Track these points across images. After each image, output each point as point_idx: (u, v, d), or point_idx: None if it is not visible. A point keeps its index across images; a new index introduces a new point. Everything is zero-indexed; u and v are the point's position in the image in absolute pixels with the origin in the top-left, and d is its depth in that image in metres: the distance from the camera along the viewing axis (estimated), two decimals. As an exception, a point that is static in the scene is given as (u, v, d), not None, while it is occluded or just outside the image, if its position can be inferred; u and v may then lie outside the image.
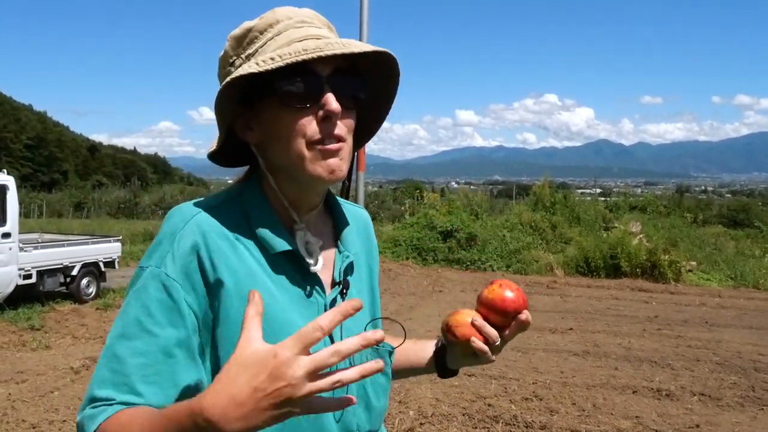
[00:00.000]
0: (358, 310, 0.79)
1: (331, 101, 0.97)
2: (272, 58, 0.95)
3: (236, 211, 1.04)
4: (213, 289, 0.97)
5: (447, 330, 1.17)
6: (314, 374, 0.76)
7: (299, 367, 0.75)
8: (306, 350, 0.76)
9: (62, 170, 72.03)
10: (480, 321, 1.15)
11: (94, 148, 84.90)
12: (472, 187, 46.63)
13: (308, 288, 1.06)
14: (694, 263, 15.24)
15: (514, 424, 5.17)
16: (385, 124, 1.21)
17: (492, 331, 1.15)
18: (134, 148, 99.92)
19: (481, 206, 20.27)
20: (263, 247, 1.03)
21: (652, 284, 13.66)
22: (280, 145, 1.01)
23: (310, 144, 0.99)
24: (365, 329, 1.13)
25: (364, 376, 0.79)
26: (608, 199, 29.93)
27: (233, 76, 0.96)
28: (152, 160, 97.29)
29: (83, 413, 0.92)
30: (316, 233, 1.10)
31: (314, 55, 0.94)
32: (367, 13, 3.24)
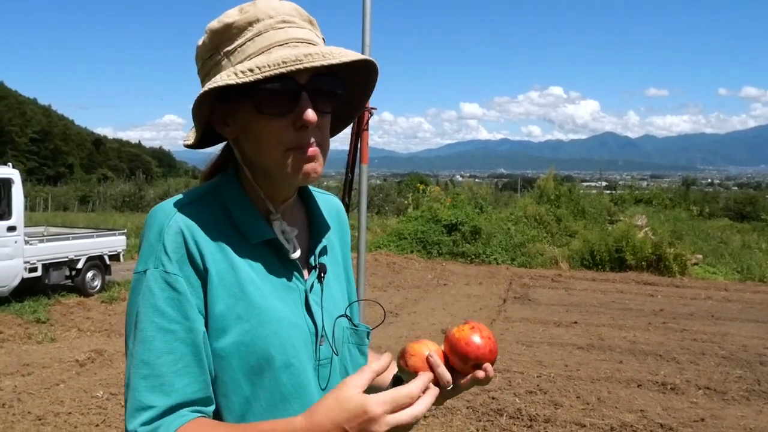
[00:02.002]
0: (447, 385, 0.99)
1: (309, 112, 0.99)
2: (251, 69, 0.95)
3: (215, 203, 1.07)
4: (202, 278, 1.00)
5: (401, 356, 1.05)
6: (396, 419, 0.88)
7: (384, 425, 0.87)
8: (395, 411, 0.88)
9: (67, 164, 72.23)
10: (435, 359, 1.01)
11: (99, 141, 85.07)
12: (476, 180, 46.54)
13: (288, 275, 1.09)
14: (699, 256, 15.17)
15: (518, 418, 5.16)
16: (390, 117, 1.22)
17: (444, 373, 1.00)
18: (139, 141, 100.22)
19: (486, 199, 20.23)
20: (243, 237, 1.06)
21: (657, 277, 13.62)
22: (257, 147, 1.04)
23: (287, 150, 1.01)
24: (345, 311, 1.17)
25: None
26: (614, 192, 29.85)
27: (211, 86, 0.96)
28: (157, 154, 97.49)
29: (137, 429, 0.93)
30: (290, 221, 1.14)
31: (293, 68, 0.94)
32: (370, 4, 3.22)
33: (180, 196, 1.06)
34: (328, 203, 1.27)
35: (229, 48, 1.02)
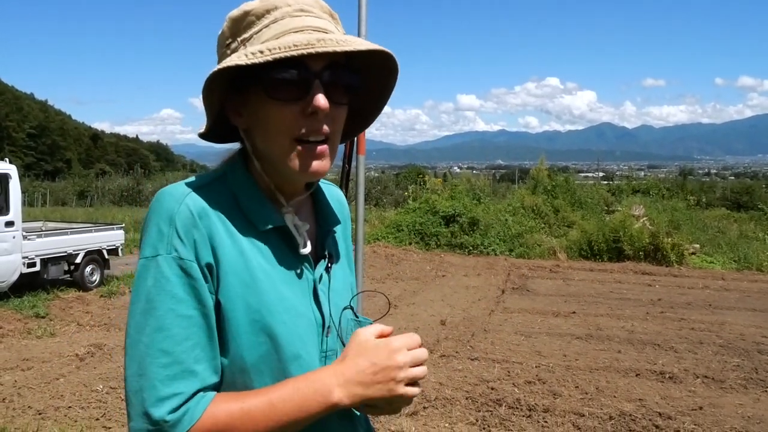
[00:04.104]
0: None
1: (320, 98, 0.97)
2: (261, 51, 0.94)
3: (223, 190, 1.04)
4: (214, 265, 0.98)
5: None
6: (413, 365, 0.99)
7: (405, 355, 0.99)
8: (410, 349, 1.00)
9: (65, 159, 72.11)
10: None
11: (96, 136, 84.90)
12: (474, 171, 46.51)
13: (297, 263, 1.08)
14: (697, 246, 15.21)
15: (517, 408, 5.18)
16: (387, 110, 1.20)
17: None
18: (136, 136, 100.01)
19: (484, 191, 20.24)
20: (252, 224, 1.04)
21: (655, 267, 13.66)
22: (266, 136, 1.02)
23: (295, 140, 1.00)
24: (350, 303, 1.17)
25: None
26: (611, 182, 29.87)
27: (219, 67, 0.95)
28: (155, 148, 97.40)
29: (159, 421, 0.90)
30: (299, 213, 1.12)
31: (304, 52, 0.92)
32: (366, -4, 3.22)
33: (187, 180, 1.04)
34: (331, 193, 1.26)
35: (246, 35, 1.01)
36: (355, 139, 3.60)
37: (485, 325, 8.16)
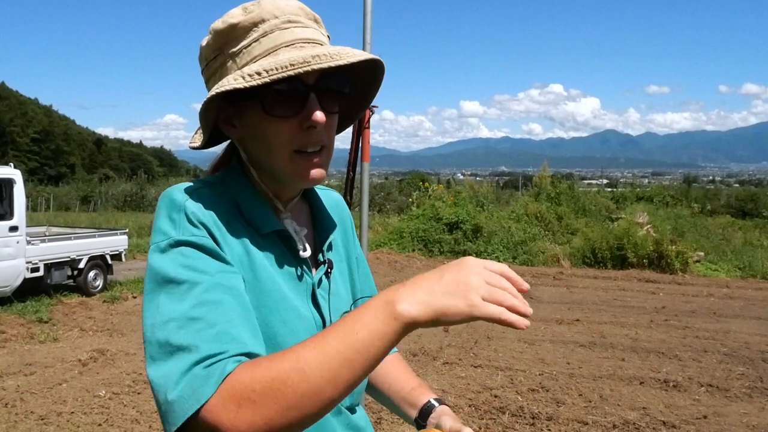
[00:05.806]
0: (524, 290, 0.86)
1: (317, 113, 0.98)
2: (258, 73, 0.94)
3: (225, 194, 1.05)
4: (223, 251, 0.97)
5: None
6: (491, 281, 0.83)
7: (481, 265, 0.84)
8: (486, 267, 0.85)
9: (69, 164, 72.35)
10: None
11: (100, 141, 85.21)
12: (478, 178, 46.53)
13: (297, 267, 1.09)
14: (701, 254, 15.16)
15: (520, 416, 5.16)
16: (391, 116, 1.22)
17: None
18: (140, 141, 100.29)
19: (487, 197, 20.23)
20: (253, 228, 1.04)
21: (659, 275, 13.61)
22: (263, 149, 1.03)
23: (294, 152, 1.01)
24: (350, 308, 1.16)
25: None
26: (615, 189, 29.85)
27: (218, 90, 0.95)
28: (158, 153, 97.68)
29: (185, 380, 0.80)
30: (296, 219, 1.13)
31: (300, 70, 0.93)
32: (371, 2, 3.22)
33: (188, 183, 1.04)
34: (330, 198, 1.27)
35: (234, 49, 1.02)
36: (360, 147, 3.61)
37: (488, 332, 8.14)
